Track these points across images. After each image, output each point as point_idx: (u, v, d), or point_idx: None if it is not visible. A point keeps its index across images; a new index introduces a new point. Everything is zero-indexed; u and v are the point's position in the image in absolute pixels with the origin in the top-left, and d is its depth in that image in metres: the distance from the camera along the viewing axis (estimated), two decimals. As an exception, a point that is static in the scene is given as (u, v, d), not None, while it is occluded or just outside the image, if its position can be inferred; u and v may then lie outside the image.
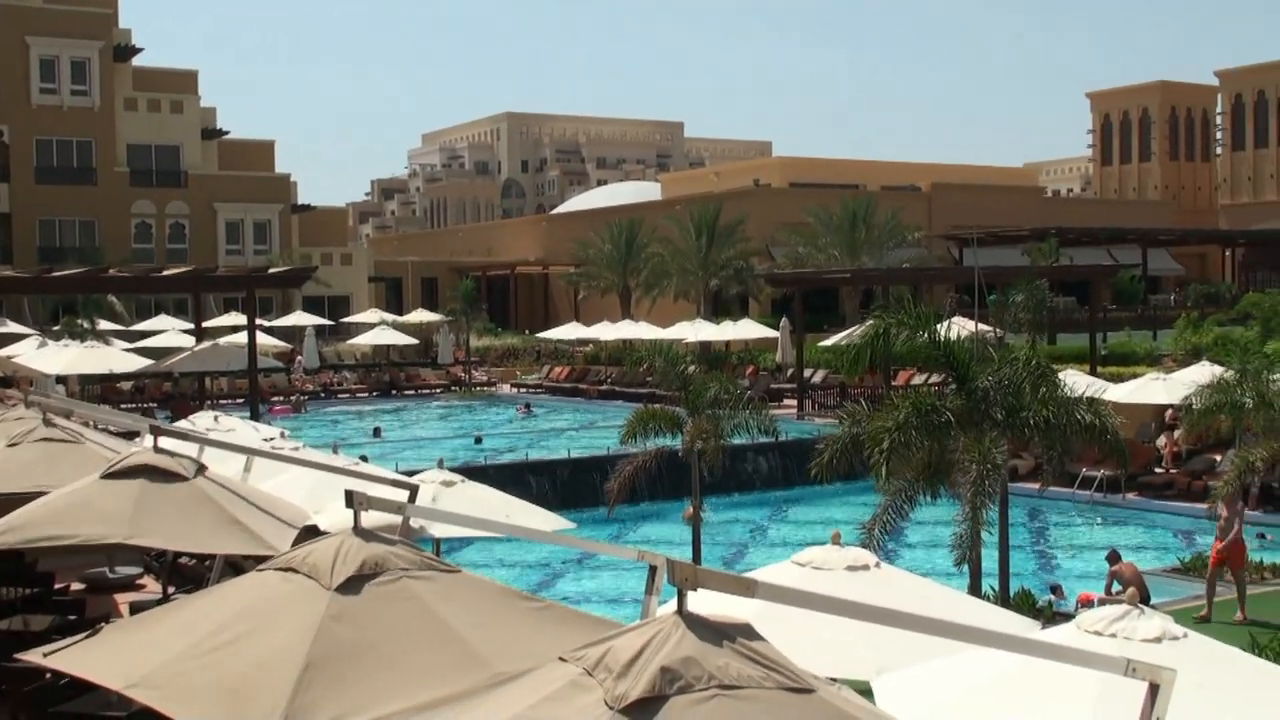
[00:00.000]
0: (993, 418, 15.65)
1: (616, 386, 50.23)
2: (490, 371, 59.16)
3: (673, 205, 74.73)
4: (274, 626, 5.81)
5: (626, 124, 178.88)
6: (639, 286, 67.08)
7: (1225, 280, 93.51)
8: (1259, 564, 21.18)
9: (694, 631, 4.40)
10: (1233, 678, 6.73)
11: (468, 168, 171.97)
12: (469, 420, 47.28)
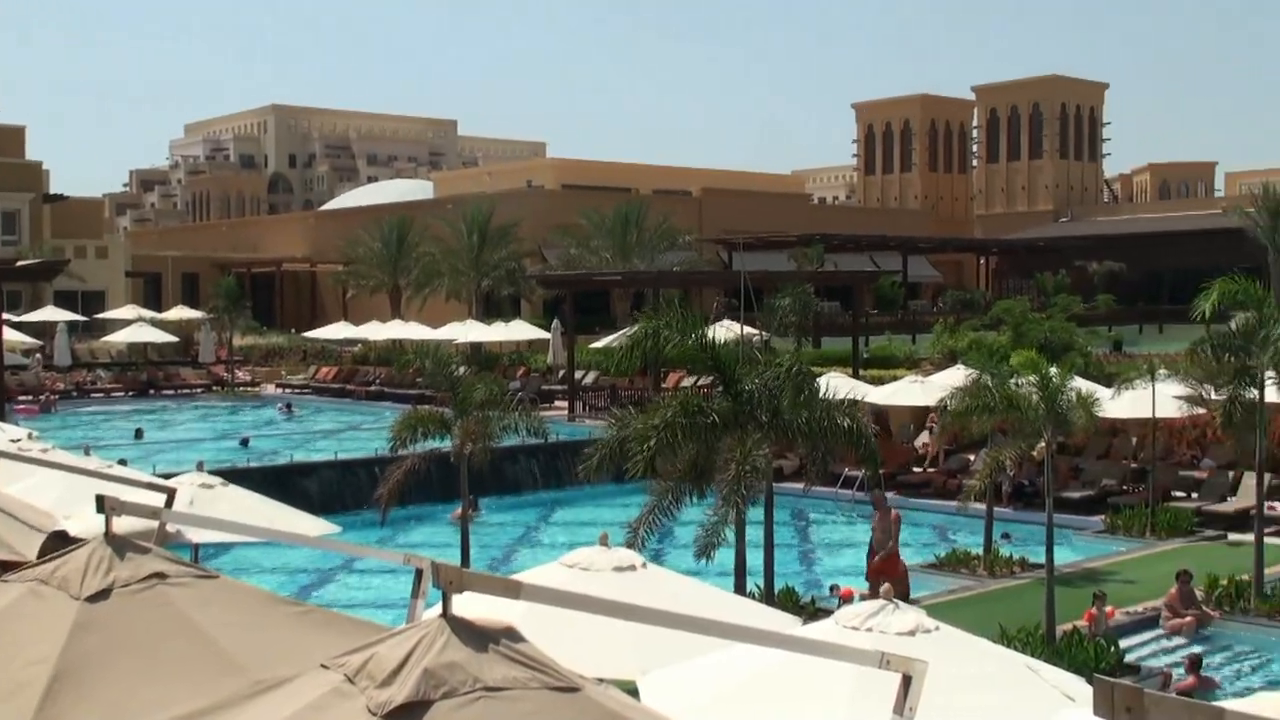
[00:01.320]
0: (758, 420, 15.98)
1: (386, 387, 49.58)
2: (254, 371, 57.72)
3: (445, 204, 74.19)
4: (19, 639, 5.54)
5: (399, 120, 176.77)
6: (410, 286, 66.36)
7: (980, 287, 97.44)
8: (1009, 558, 22.15)
9: (459, 635, 4.36)
10: (981, 667, 7.01)
11: (233, 160, 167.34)
12: (232, 421, 46.02)
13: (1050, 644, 16.41)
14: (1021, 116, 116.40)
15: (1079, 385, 20.13)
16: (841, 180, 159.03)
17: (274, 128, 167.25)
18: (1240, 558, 20.83)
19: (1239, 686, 16.71)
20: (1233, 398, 19.52)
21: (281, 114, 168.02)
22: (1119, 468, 30.32)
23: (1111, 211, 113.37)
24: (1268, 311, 19.50)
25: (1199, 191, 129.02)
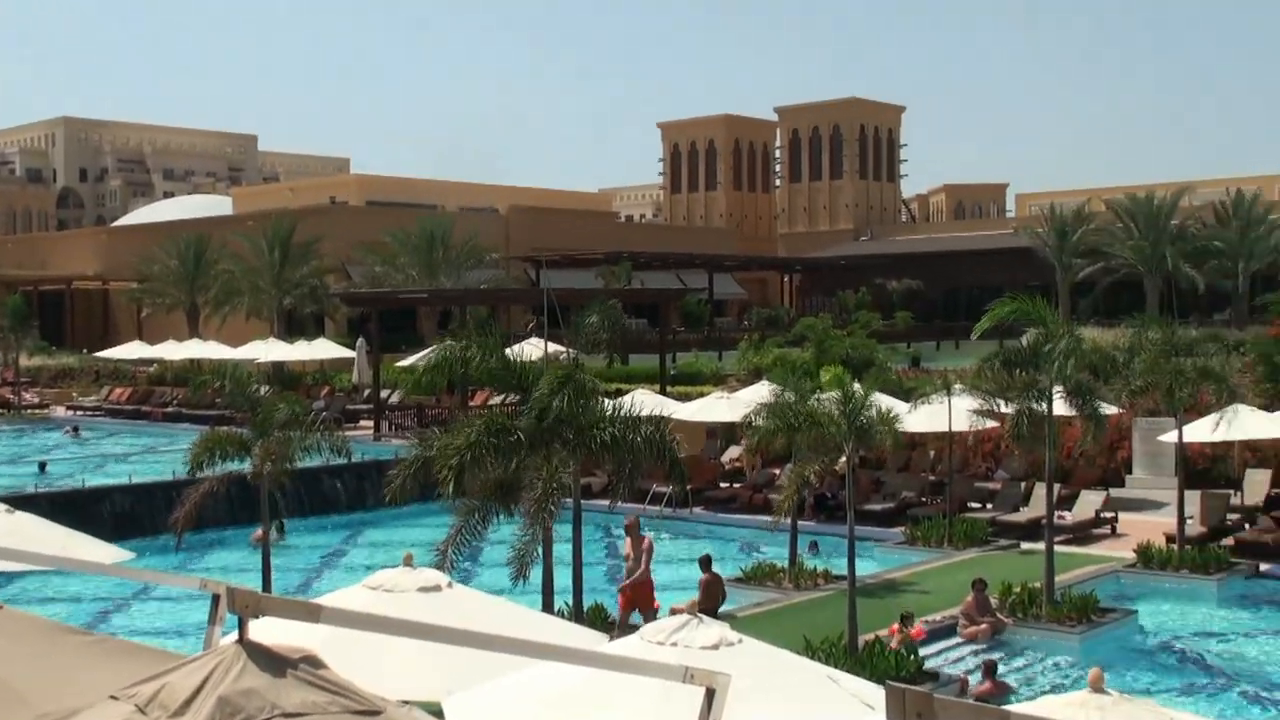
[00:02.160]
0: (563, 437, 15.98)
1: (184, 409, 48.33)
2: (43, 393, 55.58)
3: (245, 221, 72.57)
4: None
5: (196, 134, 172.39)
6: (208, 304, 64.71)
7: (784, 304, 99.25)
8: (813, 571, 22.57)
9: (255, 661, 4.25)
10: (783, 679, 7.11)
11: (19, 174, 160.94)
12: (19, 446, 44.20)
13: (853, 654, 16.75)
14: (822, 137, 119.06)
15: (879, 400, 20.63)
16: (648, 198, 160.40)
17: (63, 140, 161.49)
18: (1032, 566, 21.55)
19: (1032, 690, 17.28)
20: (1022, 411, 20.20)
21: (72, 126, 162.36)
22: (918, 480, 31.16)
23: (909, 231, 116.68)
24: (1055, 328, 20.25)
25: (991, 212, 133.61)
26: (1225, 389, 23.67)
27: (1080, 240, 76.19)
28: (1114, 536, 26.88)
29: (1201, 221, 75.24)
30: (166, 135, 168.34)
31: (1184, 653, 19.64)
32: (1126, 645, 19.65)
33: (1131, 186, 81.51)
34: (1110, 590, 22.24)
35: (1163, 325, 24.38)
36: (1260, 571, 23.54)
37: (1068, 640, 19.08)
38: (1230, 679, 18.17)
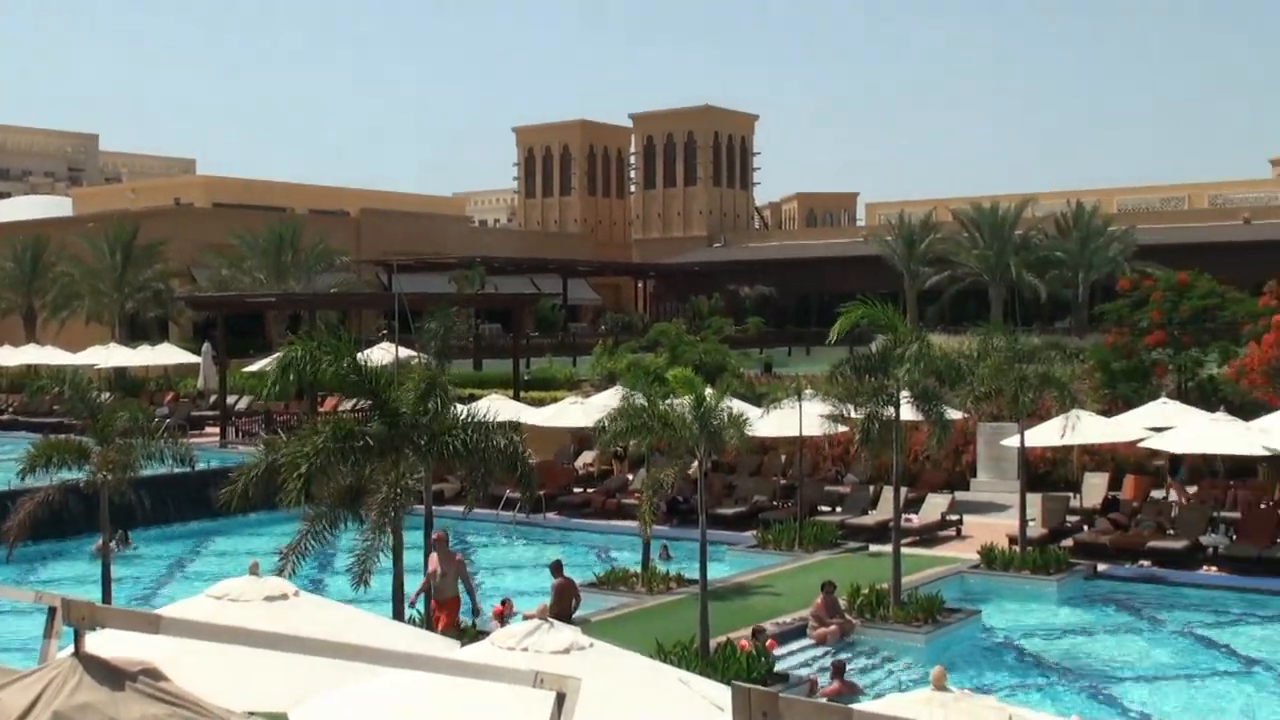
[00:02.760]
0: (415, 442, 15.82)
1: (20, 416, 46.86)
2: None
3: (85, 222, 70.53)
4: None
5: (34, 133, 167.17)
6: (46, 308, 62.78)
7: (638, 310, 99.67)
8: (666, 575, 22.67)
9: (92, 675, 4.13)
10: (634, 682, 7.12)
11: None
12: None
13: (704, 657, 16.87)
14: (677, 144, 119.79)
15: (732, 405, 20.80)
16: (503, 203, 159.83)
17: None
18: (880, 568, 21.93)
19: (880, 689, 17.57)
20: (871, 416, 20.54)
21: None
22: (769, 484, 31.51)
23: (762, 238, 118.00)
24: (902, 334, 20.63)
25: (842, 220, 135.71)
26: (1066, 395, 24.32)
27: (928, 249, 77.88)
28: (959, 538, 27.47)
29: (1044, 232, 77.36)
30: (2, 134, 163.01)
31: (1026, 651, 20.15)
32: (971, 644, 20.09)
33: (977, 197, 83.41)
34: (955, 591, 22.73)
35: (1006, 333, 24.93)
36: (1098, 572, 24.25)
37: (914, 640, 19.45)
38: (1070, 676, 18.69)
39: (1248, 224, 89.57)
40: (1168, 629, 21.39)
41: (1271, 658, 19.46)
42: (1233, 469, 30.26)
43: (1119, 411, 31.70)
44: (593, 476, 33.95)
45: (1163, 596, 23.18)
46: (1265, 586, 23.07)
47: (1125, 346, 39.28)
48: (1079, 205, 78.30)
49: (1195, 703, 17.43)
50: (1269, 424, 26.91)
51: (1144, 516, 26.44)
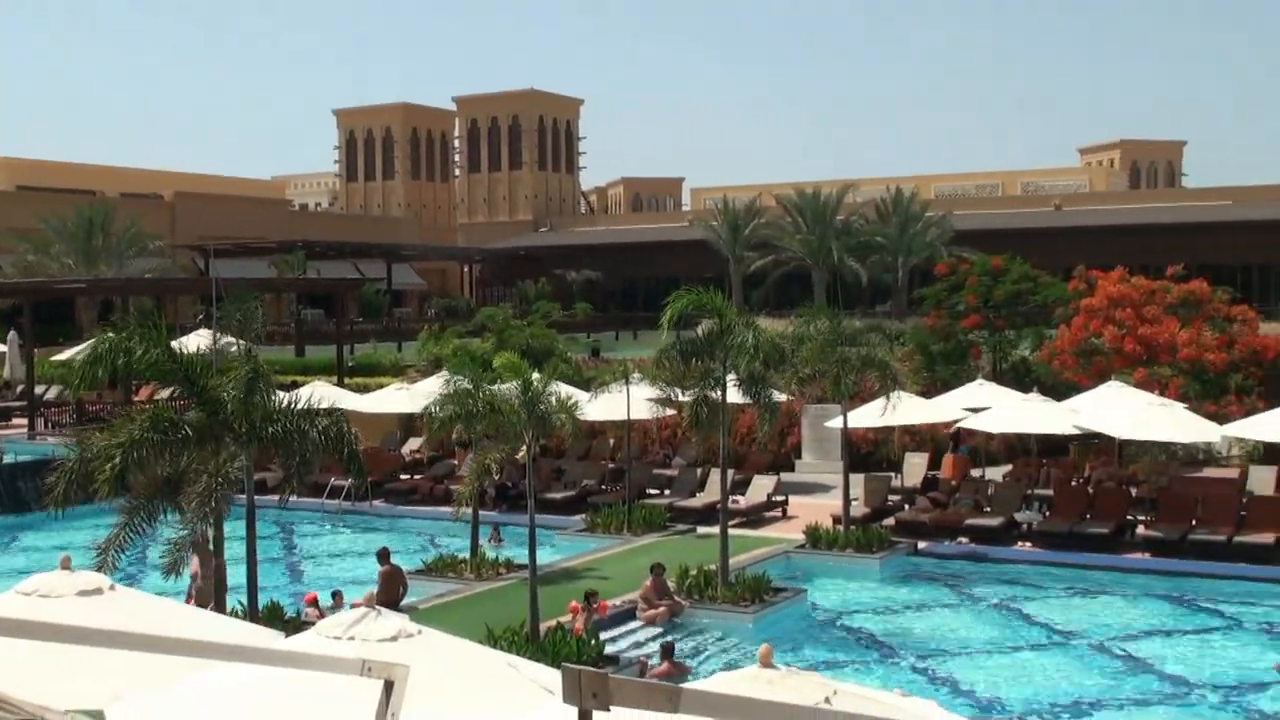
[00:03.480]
0: (235, 430, 15.42)
1: None
2: None
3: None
4: None
5: None
6: None
7: (464, 294, 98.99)
8: (495, 560, 22.55)
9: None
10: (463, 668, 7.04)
11: None
12: None
13: (535, 641, 16.82)
14: (501, 128, 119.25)
15: (559, 389, 20.77)
16: (324, 187, 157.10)
17: None
18: (708, 549, 22.11)
19: (709, 669, 17.71)
20: (699, 399, 20.70)
21: None
22: (598, 468, 31.57)
23: (589, 222, 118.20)
24: (728, 318, 20.81)
25: (668, 205, 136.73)
26: (888, 377, 24.80)
27: (752, 234, 78.89)
28: (785, 519, 27.87)
29: (864, 218, 78.96)
30: None
31: (850, 628, 20.55)
32: (798, 622, 20.40)
33: (800, 183, 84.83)
34: (782, 570, 23.07)
35: (829, 316, 25.35)
36: (919, 549, 24.85)
37: (742, 620, 19.67)
38: (893, 650, 19.11)
39: (1058, 210, 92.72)
40: (985, 603, 22.01)
41: (1083, 628, 20.16)
42: (1045, 448, 31.27)
43: (938, 393, 32.53)
44: (420, 463, 33.61)
45: (980, 572, 23.85)
46: (1077, 560, 23.90)
47: (943, 329, 40.31)
48: (898, 191, 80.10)
49: (1012, 673, 17.96)
50: (1079, 404, 27.87)
51: (962, 495, 27.15)
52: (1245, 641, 19.55)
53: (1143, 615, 21.09)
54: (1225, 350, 34.41)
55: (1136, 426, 25.40)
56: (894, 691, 7.08)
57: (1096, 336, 35.50)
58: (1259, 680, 17.52)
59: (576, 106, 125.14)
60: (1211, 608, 21.37)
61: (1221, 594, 21.95)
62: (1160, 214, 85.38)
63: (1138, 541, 24.75)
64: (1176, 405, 27.47)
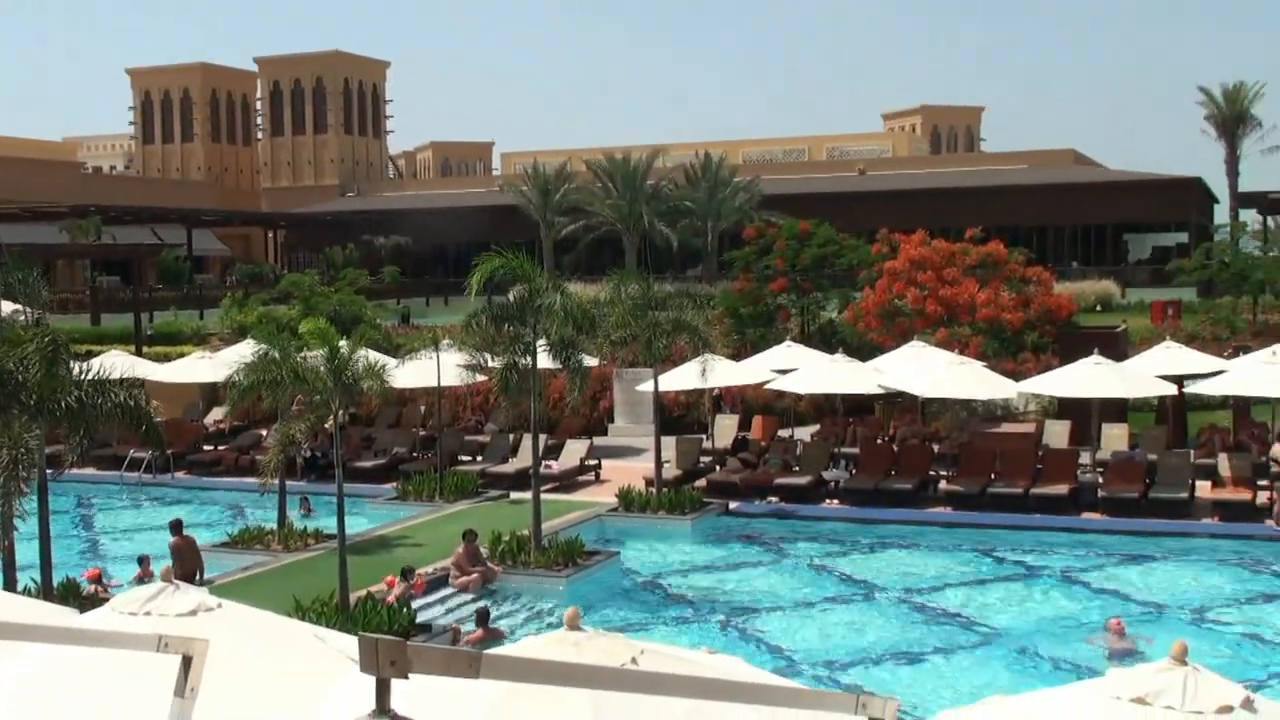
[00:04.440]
0: (23, 402, 14.77)
1: None
2: None
3: None
4: None
5: None
6: None
7: (269, 261, 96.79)
8: (304, 531, 22.12)
9: None
10: (266, 640, 6.84)
11: None
12: None
13: (344, 611, 16.55)
14: (305, 90, 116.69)
15: (368, 356, 20.44)
16: (119, 149, 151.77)
17: None
18: (521, 514, 22.05)
19: (524, 633, 17.67)
20: (509, 365, 20.56)
21: None
22: (409, 435, 31.21)
23: (397, 187, 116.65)
24: (538, 283, 20.69)
25: (478, 170, 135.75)
26: (698, 340, 25.00)
27: (563, 199, 78.78)
28: (598, 483, 27.96)
29: (674, 182, 79.45)
30: None
31: (664, 588, 20.71)
32: (611, 585, 20.48)
33: (610, 148, 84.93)
34: (595, 534, 23.13)
35: (640, 280, 25.41)
36: (730, 510, 25.16)
37: (555, 584, 19.67)
38: (706, 610, 19.32)
39: (863, 175, 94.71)
40: (795, 560, 22.41)
41: (888, 582, 20.67)
42: (851, 407, 31.93)
43: (748, 355, 32.97)
44: (224, 433, 32.79)
45: (790, 530, 24.27)
46: (882, 516, 24.51)
47: (752, 292, 40.85)
48: (707, 157, 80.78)
49: (820, 627, 18.33)
50: (883, 364, 28.54)
51: (772, 455, 27.57)
52: (1045, 589, 20.29)
53: (946, 567, 21.73)
54: (1021, 310, 35.59)
55: (938, 385, 26.11)
56: (701, 650, 7.11)
57: (899, 298, 36.38)
58: (1057, 627, 18.19)
59: (383, 69, 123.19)
60: (1011, 558, 22.13)
61: (1020, 544, 22.75)
62: (960, 178, 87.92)
63: (940, 496, 25.48)
64: (976, 363, 28.34)
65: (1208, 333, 40.79)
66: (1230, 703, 5.72)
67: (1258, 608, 19.01)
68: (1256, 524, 22.93)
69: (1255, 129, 74.20)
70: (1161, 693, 5.78)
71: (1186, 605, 19.07)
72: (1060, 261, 70.93)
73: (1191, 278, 53.31)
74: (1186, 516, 23.49)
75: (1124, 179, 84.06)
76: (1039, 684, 14.33)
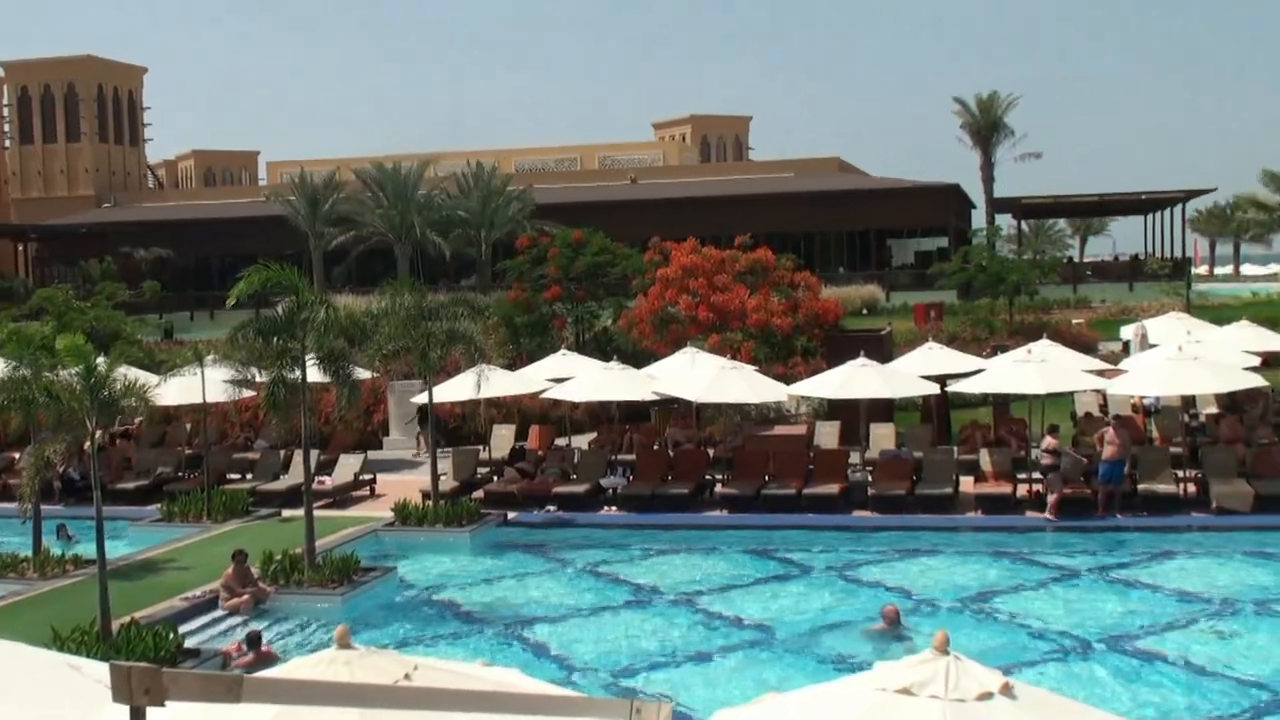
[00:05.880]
0: None
1: None
2: None
3: None
4: None
5: None
6: None
7: (19, 275, 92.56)
8: (62, 557, 21.14)
9: None
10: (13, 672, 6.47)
11: None
12: None
13: (106, 639, 15.88)
14: (56, 96, 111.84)
15: (128, 373, 19.66)
16: None
17: None
18: (294, 532, 21.50)
19: (300, 654, 17.21)
20: (277, 379, 20.04)
21: None
22: (174, 454, 30.21)
23: (158, 197, 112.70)
24: (306, 296, 20.23)
25: (243, 179, 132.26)
26: (474, 350, 24.80)
27: (332, 209, 77.24)
28: (374, 497, 27.52)
29: (446, 192, 78.75)
30: None
31: (442, 602, 20.44)
32: (388, 601, 20.13)
33: (380, 157, 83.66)
34: (371, 550, 22.75)
35: (412, 291, 25.09)
36: (509, 520, 25.04)
37: (331, 602, 19.24)
38: (485, 622, 19.13)
39: (634, 183, 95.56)
40: (575, 568, 22.40)
41: (667, 586, 20.81)
42: (628, 414, 32.17)
43: (524, 364, 32.90)
44: None
45: (570, 538, 24.27)
46: (660, 521, 24.72)
47: (526, 301, 40.82)
48: (479, 165, 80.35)
49: (601, 634, 18.34)
50: (658, 370, 28.81)
51: (549, 464, 27.54)
52: (818, 586, 20.71)
53: (724, 569, 22.01)
54: (790, 315, 36.39)
55: (711, 390, 26.46)
56: (477, 663, 7.01)
57: (672, 305, 36.82)
58: (831, 622, 18.58)
59: (139, 75, 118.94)
60: (786, 557, 22.54)
61: (795, 543, 23.21)
62: (729, 186, 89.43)
63: (716, 499, 25.83)
64: (748, 368, 28.86)
65: (968, 333, 42.42)
66: (990, 689, 5.89)
67: (1019, 595, 19.77)
68: (1017, 515, 23.90)
69: (1008, 137, 77.40)
70: (925, 683, 5.92)
71: (953, 595, 19.70)
72: (827, 267, 72.76)
73: (951, 281, 55.27)
74: (951, 511, 24.32)
75: (886, 186, 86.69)
76: (817, 679, 14.62)
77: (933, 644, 6.18)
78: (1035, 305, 51.08)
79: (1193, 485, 24.67)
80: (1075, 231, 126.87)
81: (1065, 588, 20.18)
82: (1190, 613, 18.52)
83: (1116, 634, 17.50)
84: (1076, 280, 71.82)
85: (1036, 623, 18.21)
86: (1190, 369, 24.42)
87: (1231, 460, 24.79)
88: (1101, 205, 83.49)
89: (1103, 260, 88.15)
